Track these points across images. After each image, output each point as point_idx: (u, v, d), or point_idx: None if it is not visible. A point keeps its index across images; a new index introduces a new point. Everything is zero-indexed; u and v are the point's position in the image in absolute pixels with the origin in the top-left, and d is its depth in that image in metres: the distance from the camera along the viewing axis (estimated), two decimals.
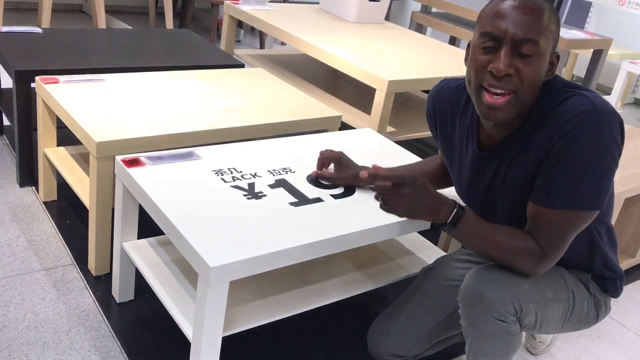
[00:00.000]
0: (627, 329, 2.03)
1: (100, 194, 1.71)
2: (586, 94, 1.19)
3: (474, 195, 1.39)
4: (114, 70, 2.23)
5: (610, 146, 1.16)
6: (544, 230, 1.23)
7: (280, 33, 2.76)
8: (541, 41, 1.16)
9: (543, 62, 1.18)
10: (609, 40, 3.48)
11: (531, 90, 1.19)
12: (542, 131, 1.21)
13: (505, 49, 1.16)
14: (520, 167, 1.26)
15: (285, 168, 1.68)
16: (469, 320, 1.27)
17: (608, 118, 1.16)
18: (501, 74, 1.16)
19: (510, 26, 1.15)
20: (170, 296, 1.46)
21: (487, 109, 1.20)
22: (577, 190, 1.18)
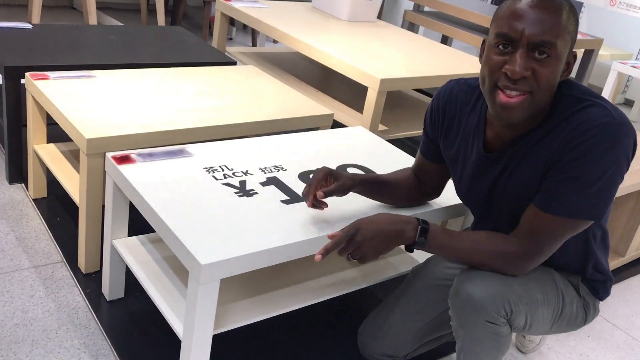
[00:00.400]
0: (616, 328, 2.04)
1: (90, 191, 1.70)
2: (606, 106, 1.17)
3: (475, 196, 1.38)
4: (104, 67, 2.21)
5: (621, 162, 1.16)
6: (535, 232, 1.23)
7: (272, 31, 2.76)
8: (559, 43, 1.13)
9: (560, 64, 1.15)
10: (600, 40, 3.50)
11: (547, 91, 1.16)
12: (557, 136, 1.19)
13: (521, 51, 1.13)
14: (527, 170, 1.25)
15: (276, 166, 1.68)
16: (459, 322, 1.27)
17: (624, 133, 1.15)
18: (516, 76, 1.13)
19: (527, 27, 1.12)
20: (160, 294, 1.46)
21: (501, 109, 1.18)
22: (580, 199, 1.17)
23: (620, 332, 2.03)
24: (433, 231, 1.27)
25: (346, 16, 3.15)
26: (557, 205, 1.19)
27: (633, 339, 2.00)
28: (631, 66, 4.07)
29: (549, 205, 1.20)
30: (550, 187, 1.20)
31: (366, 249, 1.24)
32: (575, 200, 1.17)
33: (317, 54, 2.50)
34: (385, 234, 1.24)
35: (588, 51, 3.54)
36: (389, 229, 1.25)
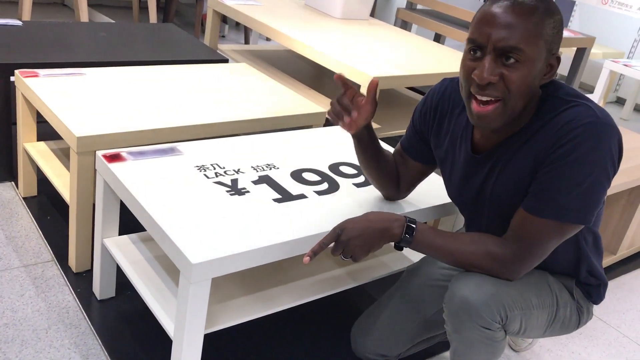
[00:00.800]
0: (608, 325, 2.05)
1: (81, 189, 1.68)
2: (590, 105, 1.17)
3: (464, 197, 1.38)
4: (95, 65, 2.20)
5: (606, 163, 1.15)
6: (524, 235, 1.22)
7: (264, 28, 2.74)
8: (527, 48, 1.11)
9: (532, 68, 1.14)
10: (592, 38, 3.51)
11: (521, 97, 1.16)
12: (543, 137, 1.19)
13: (489, 56, 1.13)
14: (513, 172, 1.25)
15: (269, 164, 1.67)
16: (454, 326, 1.27)
17: (609, 133, 1.14)
18: (483, 82, 1.13)
19: (493, 33, 1.11)
20: (151, 293, 1.45)
21: (477, 118, 1.18)
22: (568, 202, 1.17)
23: (612, 330, 2.03)
24: (420, 229, 1.27)
25: (339, 14, 3.14)
26: (544, 208, 1.19)
27: (624, 336, 2.01)
28: (623, 65, 4.09)
29: (536, 208, 1.20)
30: (538, 189, 1.20)
31: (353, 247, 1.25)
32: (562, 202, 1.17)
33: (309, 52, 2.50)
34: (371, 231, 1.25)
35: (580, 50, 3.55)
36: (374, 227, 1.25)
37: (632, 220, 2.31)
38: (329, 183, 1.62)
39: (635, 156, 2.34)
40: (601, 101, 4.29)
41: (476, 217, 1.39)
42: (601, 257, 1.43)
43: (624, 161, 2.27)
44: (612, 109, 4.97)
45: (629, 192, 2.30)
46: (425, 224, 1.31)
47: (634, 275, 2.39)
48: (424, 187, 1.66)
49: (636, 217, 2.32)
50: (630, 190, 2.29)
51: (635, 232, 2.40)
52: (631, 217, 2.31)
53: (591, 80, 5.15)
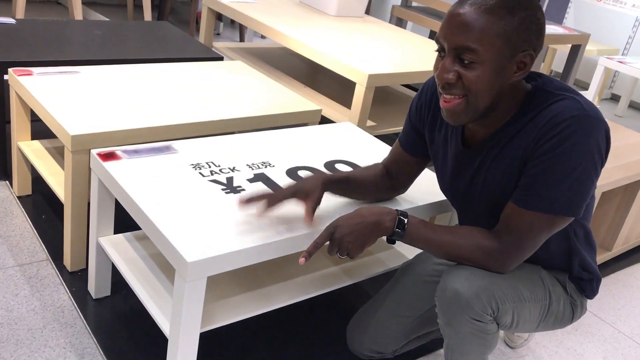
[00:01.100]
0: (603, 322, 2.05)
1: (75, 188, 1.68)
2: (577, 98, 1.18)
3: (455, 191, 1.39)
4: (89, 63, 2.19)
5: (593, 155, 1.16)
6: (514, 228, 1.23)
7: (259, 26, 2.74)
8: (481, 48, 1.12)
9: (490, 68, 1.14)
10: (587, 35, 3.51)
11: (482, 95, 1.17)
12: (531, 130, 1.20)
13: (448, 57, 1.16)
14: (502, 165, 1.25)
15: (264, 162, 1.66)
16: (446, 319, 1.27)
17: (596, 125, 1.15)
18: (442, 81, 1.17)
19: (448, 34, 1.14)
20: (147, 292, 1.44)
21: (445, 113, 1.22)
22: (556, 194, 1.17)
23: (607, 326, 2.04)
24: (412, 222, 1.27)
25: (334, 11, 3.13)
26: (533, 200, 1.19)
27: (620, 332, 2.01)
28: (618, 61, 4.10)
29: (525, 201, 1.21)
30: (526, 182, 1.21)
31: (347, 243, 1.25)
32: (551, 194, 1.18)
33: (304, 50, 2.49)
34: (363, 226, 1.26)
35: (575, 46, 3.55)
36: (366, 221, 1.26)
37: (627, 216, 2.31)
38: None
39: (630, 153, 2.35)
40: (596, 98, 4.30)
41: (467, 211, 1.39)
42: (594, 251, 1.43)
43: (619, 158, 2.27)
44: (607, 105, 4.98)
45: (624, 189, 2.31)
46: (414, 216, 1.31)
47: (629, 272, 2.40)
48: (420, 185, 1.66)
49: (631, 213, 2.32)
50: (625, 187, 2.30)
51: (630, 229, 2.40)
52: (626, 214, 2.31)
53: (586, 77, 5.16)
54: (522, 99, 1.24)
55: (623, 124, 4.50)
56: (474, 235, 1.26)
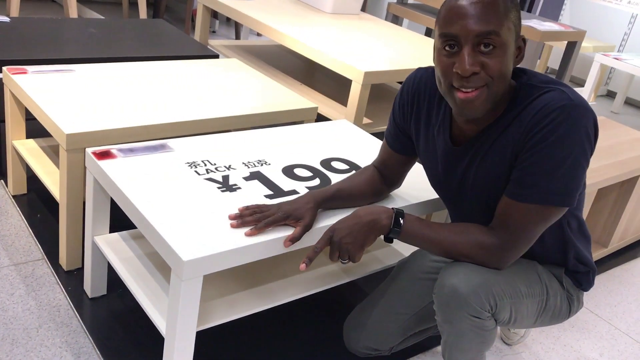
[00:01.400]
0: (600, 318, 2.06)
1: (70, 187, 1.67)
2: (563, 90, 1.19)
3: (447, 188, 1.39)
4: (84, 61, 2.18)
5: (584, 143, 1.17)
6: (510, 222, 1.23)
7: (255, 23, 2.73)
8: (502, 32, 1.14)
9: (508, 52, 1.17)
10: (583, 32, 3.51)
11: (502, 81, 1.18)
12: (519, 125, 1.21)
13: (467, 48, 1.15)
14: (493, 161, 1.26)
15: (260, 160, 1.66)
16: (444, 316, 1.27)
17: (584, 114, 1.16)
18: (467, 74, 1.15)
19: (467, 23, 1.14)
20: (143, 291, 1.44)
21: (463, 105, 1.19)
22: (549, 185, 1.18)
23: (603, 322, 2.04)
24: (408, 220, 1.28)
25: (330, 8, 3.13)
26: (526, 193, 1.20)
27: (616, 329, 2.02)
28: (614, 58, 4.10)
29: (518, 194, 1.21)
30: (518, 175, 1.21)
31: (346, 245, 1.26)
32: (544, 186, 1.18)
33: (300, 47, 2.49)
34: (360, 226, 1.27)
35: (571, 43, 3.55)
36: (362, 221, 1.27)
37: (623, 213, 2.32)
38: (321, 179, 1.62)
39: (626, 150, 2.35)
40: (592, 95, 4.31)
41: (459, 208, 1.40)
42: (589, 242, 1.44)
43: (615, 155, 2.27)
44: (603, 102, 4.99)
45: (620, 186, 2.31)
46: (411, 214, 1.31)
47: (625, 268, 2.41)
48: (415, 183, 1.66)
49: (627, 210, 2.33)
50: (621, 183, 2.30)
51: (626, 225, 2.41)
52: (622, 210, 2.31)
53: (582, 74, 5.17)
54: (510, 95, 1.24)
55: (619, 121, 4.50)
56: (471, 232, 1.26)
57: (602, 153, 2.27)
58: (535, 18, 3.66)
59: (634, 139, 2.49)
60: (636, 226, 2.50)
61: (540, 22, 3.50)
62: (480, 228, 1.27)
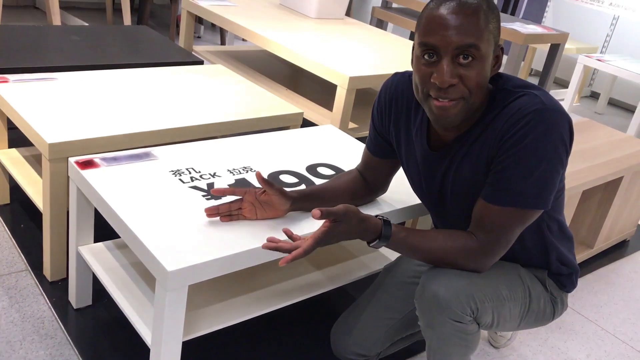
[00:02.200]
0: (586, 319, 2.07)
1: (54, 196, 1.65)
2: (536, 93, 1.19)
3: (427, 193, 1.40)
4: (67, 69, 2.16)
5: (558, 146, 1.17)
6: (487, 225, 1.23)
7: (239, 29, 2.72)
8: (482, 44, 1.14)
9: (486, 62, 1.17)
10: (566, 34, 3.54)
11: (479, 92, 1.19)
12: (494, 130, 1.21)
13: (446, 59, 1.15)
14: (470, 165, 1.27)
15: (245, 167, 1.65)
16: (426, 321, 1.27)
17: (557, 118, 1.17)
18: (445, 85, 1.15)
19: (447, 35, 1.13)
20: (128, 301, 1.42)
21: (439, 114, 1.20)
22: (524, 188, 1.19)
23: (590, 323, 2.05)
24: (394, 231, 1.26)
25: (314, 13, 3.13)
26: (502, 196, 1.20)
27: (603, 329, 2.03)
28: (596, 59, 4.14)
29: (494, 196, 1.21)
30: (494, 179, 1.22)
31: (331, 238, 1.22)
32: (519, 189, 1.19)
33: (285, 52, 2.48)
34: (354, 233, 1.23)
35: (554, 45, 3.58)
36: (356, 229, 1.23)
37: (607, 214, 2.33)
38: (307, 184, 1.61)
39: (610, 151, 2.37)
40: (576, 96, 4.34)
41: (441, 212, 1.40)
42: (571, 243, 1.44)
43: (599, 156, 2.29)
44: (587, 103, 5.03)
45: (604, 187, 2.33)
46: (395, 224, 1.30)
47: (610, 269, 2.42)
48: (400, 187, 1.66)
49: (612, 211, 2.34)
50: (605, 184, 2.32)
51: (611, 226, 2.43)
52: (607, 211, 2.33)
53: (566, 75, 5.21)
54: (486, 100, 1.25)
55: (603, 121, 4.54)
56: (452, 238, 1.26)
57: (586, 154, 2.29)
58: (519, 21, 3.68)
59: (618, 140, 2.52)
60: (621, 226, 2.52)
61: (523, 25, 3.52)
62: (461, 234, 1.27)
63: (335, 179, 1.51)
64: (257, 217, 1.39)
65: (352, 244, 1.80)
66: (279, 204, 1.37)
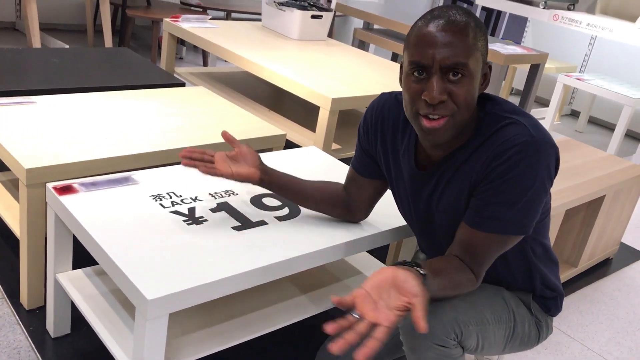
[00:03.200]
0: (572, 339, 2.06)
1: (31, 222, 1.62)
2: (525, 123, 1.20)
3: (413, 213, 1.39)
4: (47, 92, 2.13)
5: (543, 177, 1.19)
6: (474, 250, 1.24)
7: (221, 51, 2.72)
8: (470, 62, 1.15)
9: (475, 80, 1.18)
10: (545, 55, 3.59)
11: (467, 109, 1.19)
12: (480, 155, 1.22)
13: (436, 76, 1.15)
14: (456, 188, 1.27)
15: (227, 190, 1.63)
16: (410, 346, 1.26)
17: (545, 149, 1.18)
18: (435, 101, 1.16)
19: (436, 53, 1.14)
20: (107, 329, 1.39)
21: (427, 133, 1.20)
22: (509, 216, 1.20)
23: (576, 343, 2.04)
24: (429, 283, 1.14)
25: (296, 35, 3.14)
26: (486, 223, 1.21)
27: (589, 349, 2.02)
28: (576, 79, 4.19)
29: (479, 223, 1.22)
30: (478, 205, 1.22)
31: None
32: (503, 217, 1.20)
33: (268, 74, 2.48)
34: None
35: (534, 65, 3.62)
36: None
37: (591, 232, 2.34)
38: (290, 208, 1.60)
39: (591, 170, 2.38)
40: (556, 114, 4.39)
41: (427, 232, 1.39)
42: (556, 266, 1.44)
43: (581, 175, 2.30)
44: (567, 121, 5.09)
45: (587, 206, 2.34)
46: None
47: (595, 287, 2.43)
48: (385, 210, 1.65)
49: (595, 229, 2.35)
50: (588, 203, 2.33)
51: (594, 244, 2.43)
52: (590, 230, 2.34)
53: (546, 94, 5.27)
54: (475, 122, 1.25)
55: (583, 139, 4.59)
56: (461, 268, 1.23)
57: (568, 174, 2.30)
58: (499, 41, 3.72)
59: (599, 159, 2.53)
60: (604, 245, 2.53)
61: (503, 46, 3.56)
62: (460, 261, 1.25)
63: (320, 182, 1.52)
64: (232, 171, 1.39)
65: (338, 268, 1.78)
66: (251, 158, 1.42)
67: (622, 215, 2.52)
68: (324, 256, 1.44)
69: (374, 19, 4.02)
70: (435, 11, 1.19)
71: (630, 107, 3.89)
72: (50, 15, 4.79)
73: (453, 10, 1.17)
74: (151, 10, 4.30)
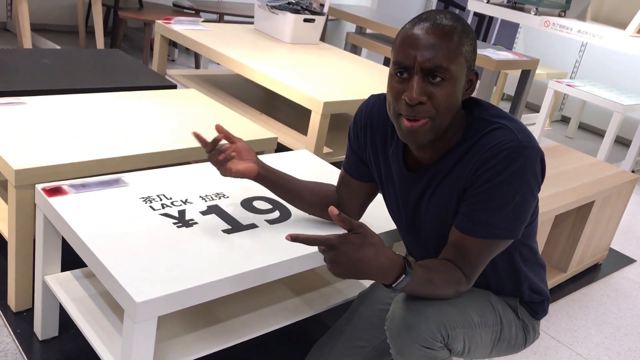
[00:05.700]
0: (561, 344, 2.07)
1: (20, 224, 1.60)
2: (512, 128, 1.21)
3: (402, 215, 1.40)
4: (37, 93, 2.12)
5: (530, 182, 1.20)
6: (470, 256, 1.24)
7: (213, 54, 2.72)
8: (452, 67, 1.16)
9: (458, 85, 1.19)
10: (536, 61, 3.61)
11: (447, 113, 1.20)
12: (469, 160, 1.23)
13: (416, 77, 1.17)
14: (445, 192, 1.28)
15: (218, 193, 1.63)
16: (397, 349, 1.26)
17: (530, 154, 1.19)
18: (414, 102, 1.16)
19: (418, 55, 1.15)
20: (95, 332, 1.38)
21: (407, 134, 1.21)
22: (497, 221, 1.21)
23: (565, 348, 2.05)
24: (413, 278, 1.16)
25: (289, 38, 3.14)
26: (476, 227, 1.22)
27: (577, 354, 2.03)
28: (567, 85, 4.22)
29: (470, 228, 1.23)
30: (468, 210, 1.23)
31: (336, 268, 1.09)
32: (492, 222, 1.21)
33: (259, 77, 2.48)
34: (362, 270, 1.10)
35: (525, 71, 3.64)
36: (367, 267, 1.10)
37: (580, 238, 2.35)
38: (281, 211, 1.60)
39: (581, 175, 2.40)
40: (547, 120, 4.41)
41: (414, 234, 1.40)
42: (543, 271, 1.45)
43: (571, 181, 2.32)
44: (558, 127, 5.11)
45: (576, 211, 2.35)
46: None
47: (584, 292, 2.44)
48: (375, 213, 1.65)
49: (584, 235, 2.36)
50: (577, 209, 2.34)
51: (584, 250, 2.45)
52: (579, 235, 2.35)
53: (537, 100, 5.30)
54: (463, 126, 1.26)
55: (573, 145, 4.62)
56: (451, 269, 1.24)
57: (558, 179, 2.31)
58: (490, 47, 3.74)
59: (589, 165, 2.55)
60: (593, 250, 2.54)
61: (495, 52, 3.58)
62: (451, 264, 1.25)
63: (312, 183, 1.53)
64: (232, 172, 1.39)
65: (326, 269, 1.78)
66: (247, 153, 1.42)
67: (611, 220, 2.54)
68: (313, 260, 1.44)
69: (366, 23, 4.04)
70: (424, 15, 1.20)
71: (620, 113, 3.92)
72: (42, 15, 4.77)
73: (441, 15, 1.18)
74: (143, 12, 4.29)
